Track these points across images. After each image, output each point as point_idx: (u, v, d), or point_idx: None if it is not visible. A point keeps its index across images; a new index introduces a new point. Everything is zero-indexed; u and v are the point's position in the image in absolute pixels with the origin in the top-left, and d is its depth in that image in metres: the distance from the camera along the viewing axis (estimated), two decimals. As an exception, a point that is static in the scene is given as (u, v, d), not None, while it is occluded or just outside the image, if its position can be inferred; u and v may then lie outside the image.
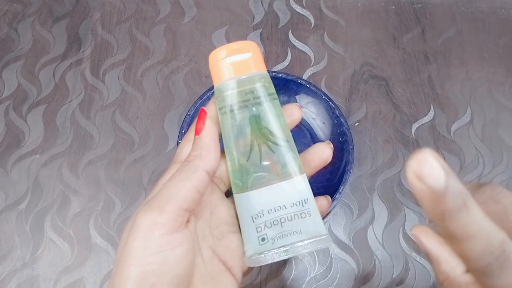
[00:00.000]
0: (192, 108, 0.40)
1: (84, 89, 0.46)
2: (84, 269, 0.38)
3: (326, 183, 0.36)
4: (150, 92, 0.46)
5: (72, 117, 0.44)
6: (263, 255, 0.24)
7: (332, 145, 0.28)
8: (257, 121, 0.25)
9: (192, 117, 0.40)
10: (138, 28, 0.49)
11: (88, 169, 0.42)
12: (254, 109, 0.25)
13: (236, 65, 0.26)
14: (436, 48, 0.50)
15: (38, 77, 0.46)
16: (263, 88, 0.26)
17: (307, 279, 0.39)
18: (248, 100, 0.25)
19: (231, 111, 0.25)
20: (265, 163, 0.25)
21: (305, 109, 0.42)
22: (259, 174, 0.25)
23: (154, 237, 0.21)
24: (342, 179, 0.37)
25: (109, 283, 0.22)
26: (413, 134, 0.45)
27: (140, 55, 0.48)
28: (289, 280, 0.38)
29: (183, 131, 0.39)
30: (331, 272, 0.39)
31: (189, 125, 0.39)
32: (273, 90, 0.27)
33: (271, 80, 0.27)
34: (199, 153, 0.24)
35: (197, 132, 0.25)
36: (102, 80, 0.46)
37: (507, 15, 0.53)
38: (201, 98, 0.40)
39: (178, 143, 0.38)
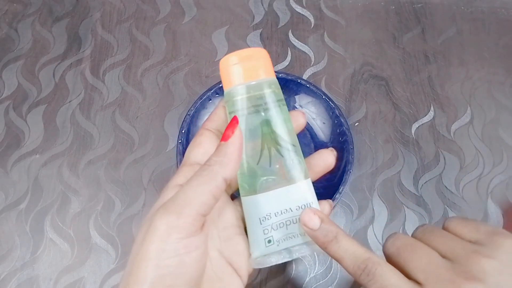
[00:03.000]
0: (192, 108, 0.40)
1: (84, 89, 0.46)
2: (84, 269, 0.38)
3: (326, 183, 0.36)
4: (150, 92, 0.46)
5: (72, 117, 0.44)
6: (268, 257, 0.25)
7: (335, 152, 0.29)
8: (267, 126, 0.26)
9: (192, 117, 0.40)
10: (138, 28, 0.49)
11: (88, 169, 0.42)
12: (263, 114, 0.26)
13: (246, 71, 0.26)
14: (436, 48, 0.50)
15: (38, 77, 0.46)
16: (273, 94, 0.26)
17: (307, 279, 0.39)
18: (258, 105, 0.26)
19: (241, 115, 0.26)
20: (274, 166, 0.26)
21: (305, 109, 0.42)
22: (268, 177, 0.26)
23: (171, 241, 0.22)
24: (342, 179, 0.37)
25: (122, 284, 0.22)
26: (413, 134, 0.45)
27: (140, 55, 0.48)
28: (289, 280, 0.38)
29: (183, 131, 0.39)
30: (331, 272, 0.39)
31: (189, 125, 0.39)
32: (281, 96, 0.27)
33: (279, 86, 0.27)
34: (221, 160, 0.24)
35: (224, 138, 0.25)
36: (102, 80, 0.46)
37: (507, 15, 0.53)
38: (201, 98, 0.40)
39: (178, 143, 0.38)
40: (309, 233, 0.24)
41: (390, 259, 0.25)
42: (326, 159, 0.29)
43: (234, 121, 0.25)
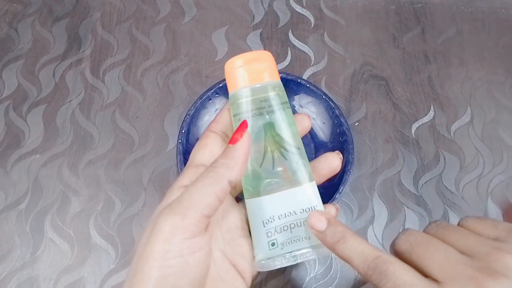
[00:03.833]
0: (192, 108, 0.40)
1: (84, 89, 0.46)
2: (84, 269, 0.38)
3: (326, 183, 0.36)
4: (150, 92, 0.46)
5: (72, 117, 0.44)
6: (272, 260, 0.25)
7: (341, 155, 0.29)
8: (270, 129, 0.26)
9: (192, 117, 0.40)
10: (138, 28, 0.49)
11: (88, 169, 0.42)
12: (267, 116, 0.26)
13: (251, 74, 0.26)
14: (436, 48, 0.50)
15: (38, 77, 0.46)
16: (277, 97, 0.27)
17: (307, 279, 0.39)
18: (263, 108, 0.26)
19: (246, 118, 0.26)
20: (278, 169, 0.26)
21: (305, 109, 0.42)
22: (271, 180, 0.26)
23: (175, 241, 0.22)
24: (342, 179, 0.37)
25: (127, 284, 0.22)
26: (413, 134, 0.45)
27: (140, 55, 0.48)
28: (289, 280, 0.38)
29: (183, 131, 0.39)
30: (331, 272, 0.39)
31: (189, 124, 0.39)
32: (286, 99, 0.27)
33: (284, 89, 0.28)
34: (228, 162, 0.24)
35: (232, 141, 0.25)
36: (102, 80, 0.46)
37: (507, 15, 0.53)
38: (201, 98, 0.40)
39: (178, 143, 0.38)
40: (317, 235, 0.24)
41: (402, 257, 0.23)
42: (331, 162, 0.29)
43: (243, 125, 0.25)
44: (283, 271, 0.39)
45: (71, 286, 0.37)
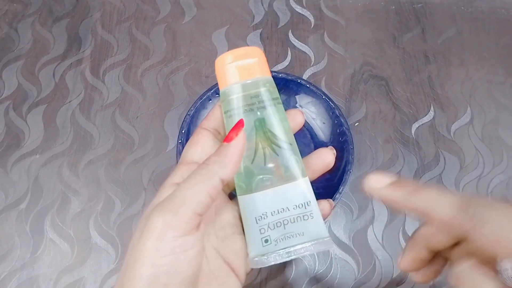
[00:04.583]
0: (192, 108, 0.40)
1: (84, 89, 0.46)
2: (84, 269, 0.38)
3: (326, 183, 0.36)
4: (150, 92, 0.46)
5: (72, 117, 0.44)
6: (266, 257, 0.25)
7: (334, 151, 0.29)
8: (261, 125, 0.26)
9: (192, 117, 0.40)
10: (138, 28, 0.49)
11: (88, 169, 0.42)
12: (258, 113, 0.26)
13: (241, 70, 0.26)
14: (436, 48, 0.50)
15: (38, 77, 0.46)
16: (268, 93, 0.26)
17: (307, 279, 0.39)
18: (253, 104, 0.26)
19: (237, 114, 0.26)
20: (270, 165, 0.26)
21: (305, 109, 0.42)
22: (263, 176, 0.26)
23: (167, 239, 0.22)
24: (342, 179, 0.37)
25: (118, 282, 0.22)
26: (413, 134, 0.45)
27: (140, 55, 0.48)
28: (289, 280, 0.38)
29: (183, 131, 0.39)
30: (331, 272, 0.39)
31: (189, 125, 0.39)
32: (277, 94, 0.27)
33: (275, 85, 0.27)
34: (221, 160, 0.24)
35: (227, 140, 0.25)
36: (102, 80, 0.46)
37: (507, 15, 0.53)
38: (201, 98, 0.40)
39: (178, 143, 0.38)
40: (379, 193, 0.24)
41: None
42: (324, 158, 0.28)
43: (239, 124, 0.25)
44: (283, 271, 0.39)
45: (71, 286, 0.37)
